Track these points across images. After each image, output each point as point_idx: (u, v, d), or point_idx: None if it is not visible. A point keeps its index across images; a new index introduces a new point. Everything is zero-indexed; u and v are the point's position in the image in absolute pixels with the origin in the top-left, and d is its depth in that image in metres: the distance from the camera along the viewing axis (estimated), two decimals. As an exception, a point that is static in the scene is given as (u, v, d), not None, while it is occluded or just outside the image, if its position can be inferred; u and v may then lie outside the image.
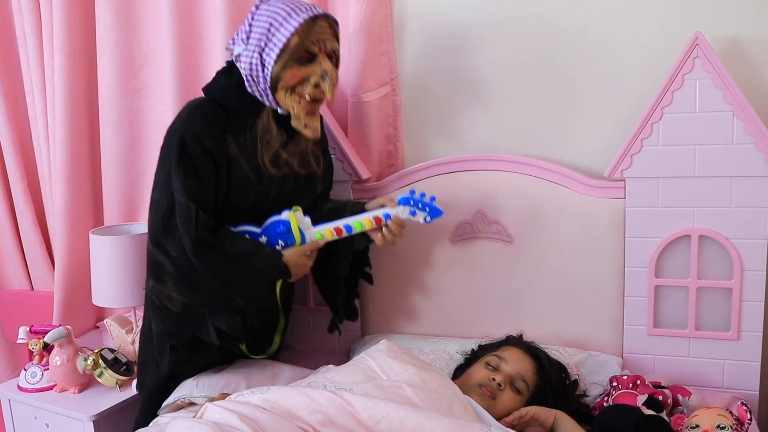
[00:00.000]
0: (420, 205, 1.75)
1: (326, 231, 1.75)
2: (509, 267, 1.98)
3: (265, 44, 1.62)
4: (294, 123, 1.69)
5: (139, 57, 2.35)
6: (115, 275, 2.18)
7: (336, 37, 1.68)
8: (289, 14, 1.60)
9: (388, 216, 1.75)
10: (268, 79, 1.63)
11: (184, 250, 1.63)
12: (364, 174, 2.08)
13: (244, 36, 1.66)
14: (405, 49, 2.10)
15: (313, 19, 1.61)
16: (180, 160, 1.64)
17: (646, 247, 1.82)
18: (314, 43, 1.62)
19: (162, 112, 2.34)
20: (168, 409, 1.80)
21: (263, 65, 1.63)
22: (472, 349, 1.83)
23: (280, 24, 1.60)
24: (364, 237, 1.82)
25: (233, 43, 1.69)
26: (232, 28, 2.14)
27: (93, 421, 1.99)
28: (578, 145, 1.95)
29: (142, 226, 2.35)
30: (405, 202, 1.75)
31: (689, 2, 1.79)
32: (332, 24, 1.67)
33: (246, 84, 1.68)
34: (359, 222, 1.74)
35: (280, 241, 1.73)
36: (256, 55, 1.63)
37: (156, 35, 2.32)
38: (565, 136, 1.97)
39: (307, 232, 1.74)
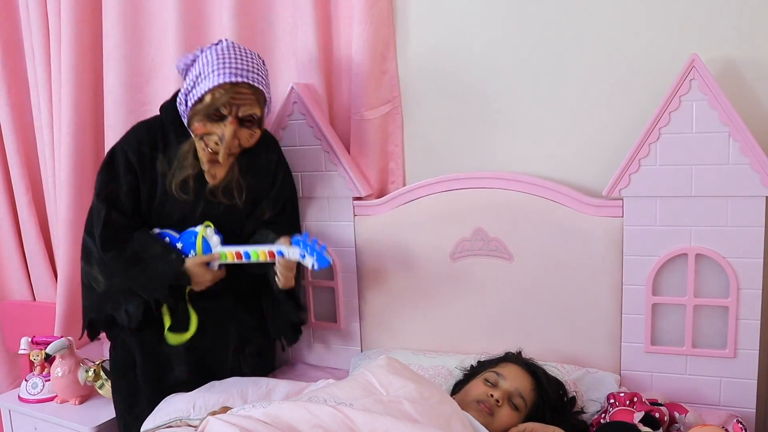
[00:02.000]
0: (308, 250, 1.79)
1: (229, 253, 1.85)
2: (508, 284, 1.99)
3: (192, 87, 1.75)
4: (201, 164, 1.84)
5: (145, 71, 2.39)
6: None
7: (259, 102, 1.77)
8: (214, 71, 1.70)
9: (280, 252, 1.81)
10: (186, 118, 1.80)
11: None
12: (365, 191, 2.10)
13: (184, 66, 1.80)
14: (407, 67, 2.12)
15: (233, 84, 1.70)
16: (105, 166, 1.86)
17: (644, 266, 1.84)
18: (225, 106, 1.72)
19: (166, 126, 2.36)
20: (163, 429, 1.80)
21: (186, 104, 1.78)
22: (471, 366, 1.84)
23: (206, 77, 1.72)
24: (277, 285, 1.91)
25: (179, 69, 1.83)
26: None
27: (93, 433, 2.01)
28: (577, 164, 1.98)
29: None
30: (296, 243, 1.80)
31: (686, 24, 1.82)
32: (256, 91, 1.75)
33: (179, 108, 1.83)
34: (256, 251, 1.83)
35: (192, 251, 1.86)
36: (183, 91, 1.79)
37: (162, 50, 2.35)
38: (564, 155, 1.99)
39: (214, 249, 1.85)
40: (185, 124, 1.82)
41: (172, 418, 1.76)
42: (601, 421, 1.68)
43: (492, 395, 1.62)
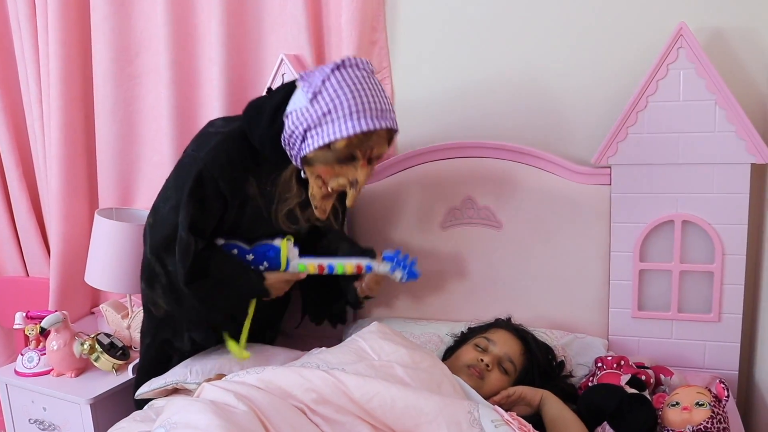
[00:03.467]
0: (401, 264, 1.80)
1: (310, 265, 1.81)
2: (498, 252, 2.02)
3: (315, 125, 1.51)
4: (311, 200, 1.68)
5: (134, 44, 2.37)
6: (113, 260, 2.21)
7: (389, 141, 1.61)
8: (351, 114, 1.48)
9: (369, 267, 1.80)
10: (301, 156, 1.58)
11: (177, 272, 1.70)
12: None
13: (310, 92, 1.52)
14: (397, 38, 2.12)
15: (372, 131, 1.51)
16: (191, 194, 1.64)
17: (631, 233, 1.87)
18: (362, 150, 1.54)
19: (157, 99, 2.36)
20: (160, 393, 1.83)
21: (303, 140, 1.55)
22: (462, 332, 1.87)
23: (338, 119, 1.49)
24: (354, 293, 1.90)
25: (302, 81, 1.56)
26: (227, 15, 2.16)
27: (90, 405, 2.02)
28: (565, 132, 1.99)
29: (143, 213, 2.37)
30: (389, 259, 1.81)
31: (674, -7, 1.83)
32: (391, 132, 1.59)
33: (281, 140, 1.60)
34: (342, 265, 1.80)
35: (264, 263, 1.80)
36: (301, 127, 1.53)
37: (151, 23, 2.33)
38: (552, 124, 2.00)
39: (292, 261, 1.81)
40: (292, 156, 1.61)
41: (169, 382, 1.79)
42: (589, 384, 1.72)
43: (482, 360, 1.65)
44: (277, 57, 2.12)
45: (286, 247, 1.79)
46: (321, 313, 2.07)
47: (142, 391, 1.85)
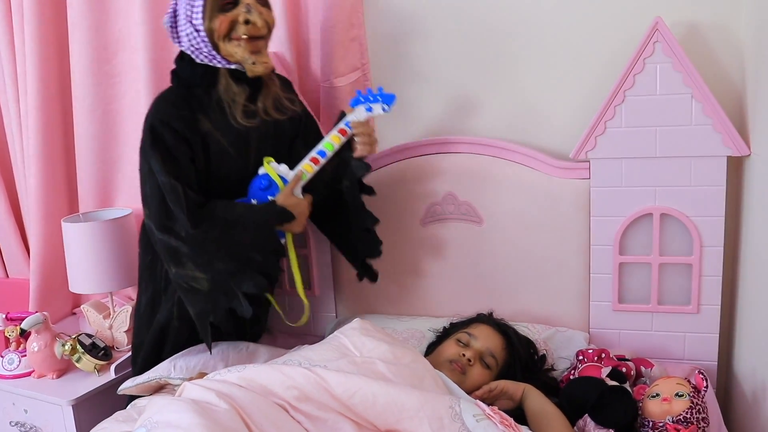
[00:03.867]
0: (371, 98, 1.79)
1: (304, 165, 1.78)
2: (479, 247, 2.03)
3: (191, 11, 1.68)
4: (246, 68, 1.73)
5: (112, 43, 2.36)
6: (89, 262, 2.20)
7: None
8: None
9: (348, 123, 1.79)
10: (205, 38, 1.69)
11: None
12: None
13: (171, 13, 1.72)
14: (376, 34, 2.12)
15: None
16: (153, 145, 1.69)
17: (611, 226, 1.88)
18: None
19: (135, 98, 2.34)
20: (144, 388, 1.83)
21: (196, 30, 1.69)
22: (444, 327, 1.88)
23: None
24: (356, 163, 1.86)
25: (167, 22, 1.74)
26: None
27: (72, 406, 2.01)
28: (545, 127, 2.01)
29: (114, 211, 2.37)
30: (356, 102, 1.80)
31: (650, -12, 1.85)
32: None
33: (194, 57, 1.74)
34: (328, 142, 1.78)
35: (269, 197, 1.77)
36: (188, 24, 1.69)
37: (128, 21, 2.32)
38: (531, 119, 2.01)
39: (287, 176, 1.77)
40: (207, 54, 1.72)
41: (152, 377, 1.78)
42: (571, 377, 1.73)
43: (464, 355, 1.66)
44: (256, 54, 2.11)
45: (270, 168, 1.77)
46: (357, 249, 2.01)
47: (126, 386, 1.84)
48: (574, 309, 1.98)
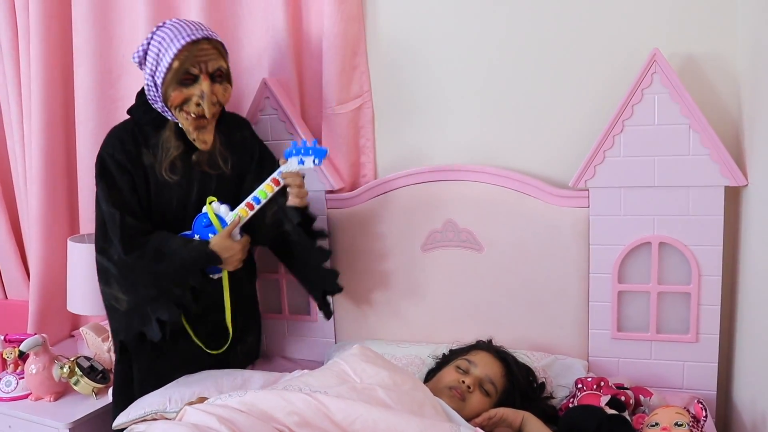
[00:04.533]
0: (303, 152, 1.83)
1: (240, 210, 1.86)
2: (479, 274, 2.04)
3: (155, 68, 1.78)
4: (188, 135, 1.85)
5: (116, 67, 2.38)
6: (91, 283, 2.19)
7: (222, 56, 1.81)
8: (171, 39, 1.75)
9: (280, 172, 1.85)
10: (161, 98, 1.80)
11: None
12: (337, 184, 2.13)
13: (139, 57, 1.82)
14: (377, 62, 2.15)
15: (193, 43, 1.75)
16: (100, 175, 1.85)
17: (610, 254, 1.89)
18: (194, 65, 1.76)
19: (138, 122, 2.36)
20: (139, 423, 1.81)
21: (156, 86, 1.79)
22: (443, 354, 1.88)
23: (165, 49, 1.75)
24: (290, 210, 1.92)
25: (135, 59, 1.84)
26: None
27: (69, 429, 2.00)
28: (544, 156, 2.02)
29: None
30: (289, 154, 1.85)
31: (648, 20, 1.88)
32: (216, 45, 1.80)
33: (149, 101, 1.86)
34: (262, 190, 1.85)
35: (210, 235, 1.85)
36: (150, 77, 1.80)
37: (133, 46, 2.34)
38: (531, 148, 2.03)
39: (226, 218, 1.85)
40: (161, 108, 1.83)
41: (147, 412, 1.77)
42: (570, 405, 1.73)
43: (464, 381, 1.66)
44: (259, 81, 2.14)
45: (210, 208, 1.86)
46: (315, 286, 2.08)
47: (120, 421, 1.82)
48: (573, 337, 1.98)
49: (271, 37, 2.13)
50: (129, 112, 1.93)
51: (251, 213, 1.86)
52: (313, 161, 1.82)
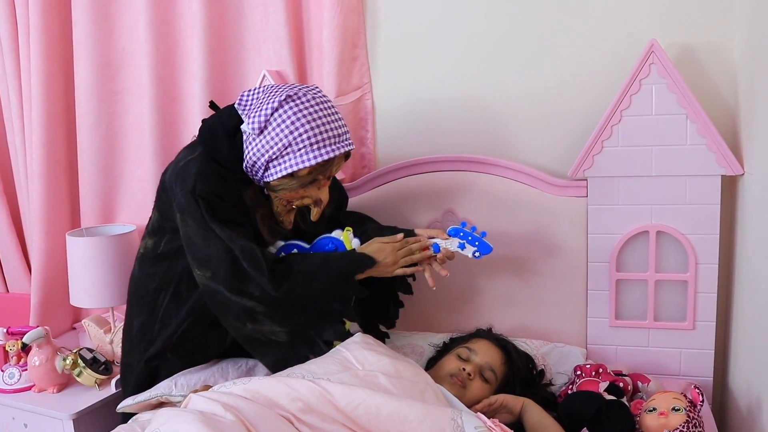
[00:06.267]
0: (470, 239, 1.70)
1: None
2: (478, 264, 2.03)
3: (276, 157, 1.58)
4: (276, 216, 1.72)
5: (116, 60, 2.39)
6: (92, 276, 2.21)
7: (347, 158, 1.68)
8: (312, 146, 1.56)
9: (437, 247, 1.71)
10: (262, 178, 1.64)
11: (264, 289, 1.61)
12: (338, 175, 2.14)
13: (256, 124, 1.57)
14: (377, 53, 2.16)
15: (333, 158, 1.59)
16: (212, 217, 1.60)
17: (608, 243, 1.91)
18: (323, 174, 1.63)
19: (139, 115, 2.37)
20: (144, 406, 1.83)
21: (266, 169, 1.61)
22: (444, 342, 1.89)
23: (299, 151, 1.56)
24: (400, 284, 1.84)
25: (243, 110, 1.63)
26: (208, 32, 2.19)
27: (73, 420, 2.00)
28: (543, 146, 2.04)
29: (117, 228, 2.39)
30: (455, 233, 1.71)
31: (645, 11, 1.89)
32: (348, 153, 1.65)
33: (244, 167, 1.66)
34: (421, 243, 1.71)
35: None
36: (263, 158, 1.59)
37: (132, 39, 2.35)
38: (530, 138, 2.05)
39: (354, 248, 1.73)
40: (254, 179, 1.67)
41: (153, 395, 1.79)
42: (569, 391, 1.75)
43: (464, 369, 1.68)
44: (260, 73, 2.15)
45: (347, 238, 1.73)
46: (373, 318, 1.94)
47: (126, 404, 1.84)
48: (572, 325, 2.00)
49: (271, 29, 2.14)
50: (213, 154, 1.66)
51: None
52: (474, 253, 1.69)
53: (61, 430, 2.03)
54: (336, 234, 1.76)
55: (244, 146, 1.63)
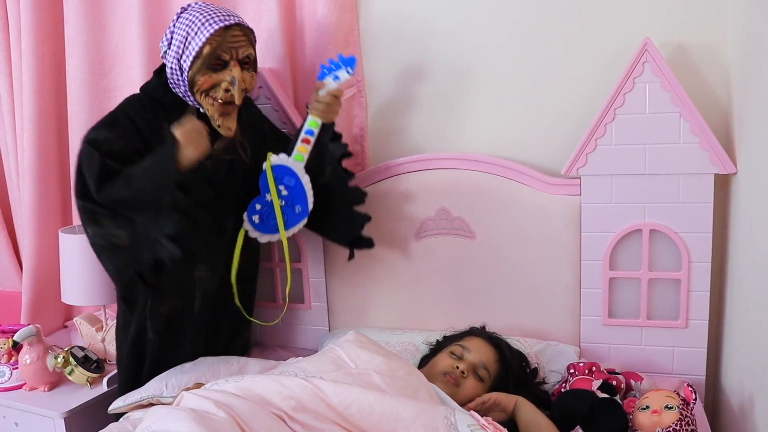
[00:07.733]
0: (334, 67, 1.85)
1: (299, 148, 1.87)
2: (472, 262, 2.05)
3: (183, 52, 1.75)
4: (211, 122, 1.81)
5: (108, 58, 2.38)
6: (84, 274, 2.20)
7: (251, 43, 1.80)
8: (203, 24, 1.72)
9: (324, 92, 1.86)
10: (186, 83, 1.77)
11: None
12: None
13: (166, 42, 1.79)
14: (370, 51, 2.16)
15: (226, 28, 1.73)
16: (105, 125, 1.77)
17: (601, 242, 1.91)
18: (226, 51, 1.74)
19: (131, 112, 2.36)
20: (135, 408, 1.82)
21: (181, 70, 1.77)
22: (437, 340, 1.90)
23: (195, 33, 1.73)
24: (333, 146, 1.97)
25: (164, 44, 1.81)
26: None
27: (64, 418, 2.00)
28: (536, 144, 2.04)
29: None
30: (323, 76, 1.86)
31: (638, 9, 1.89)
32: (246, 32, 1.78)
33: (170, 85, 1.82)
34: (312, 120, 1.87)
35: (280, 186, 1.87)
36: (175, 61, 1.77)
37: (125, 36, 2.34)
38: (524, 136, 2.05)
39: (287, 162, 1.87)
40: (183, 93, 1.80)
41: (144, 397, 1.78)
42: (562, 389, 1.75)
43: (457, 367, 1.68)
44: (253, 70, 2.15)
45: (269, 161, 1.85)
46: (344, 232, 2.06)
47: (117, 405, 1.83)
48: (565, 323, 2.00)
49: (264, 26, 2.13)
50: (144, 89, 1.88)
51: (310, 147, 1.87)
52: (347, 71, 1.83)
53: (53, 428, 2.03)
54: (264, 166, 1.86)
55: (166, 68, 1.80)
